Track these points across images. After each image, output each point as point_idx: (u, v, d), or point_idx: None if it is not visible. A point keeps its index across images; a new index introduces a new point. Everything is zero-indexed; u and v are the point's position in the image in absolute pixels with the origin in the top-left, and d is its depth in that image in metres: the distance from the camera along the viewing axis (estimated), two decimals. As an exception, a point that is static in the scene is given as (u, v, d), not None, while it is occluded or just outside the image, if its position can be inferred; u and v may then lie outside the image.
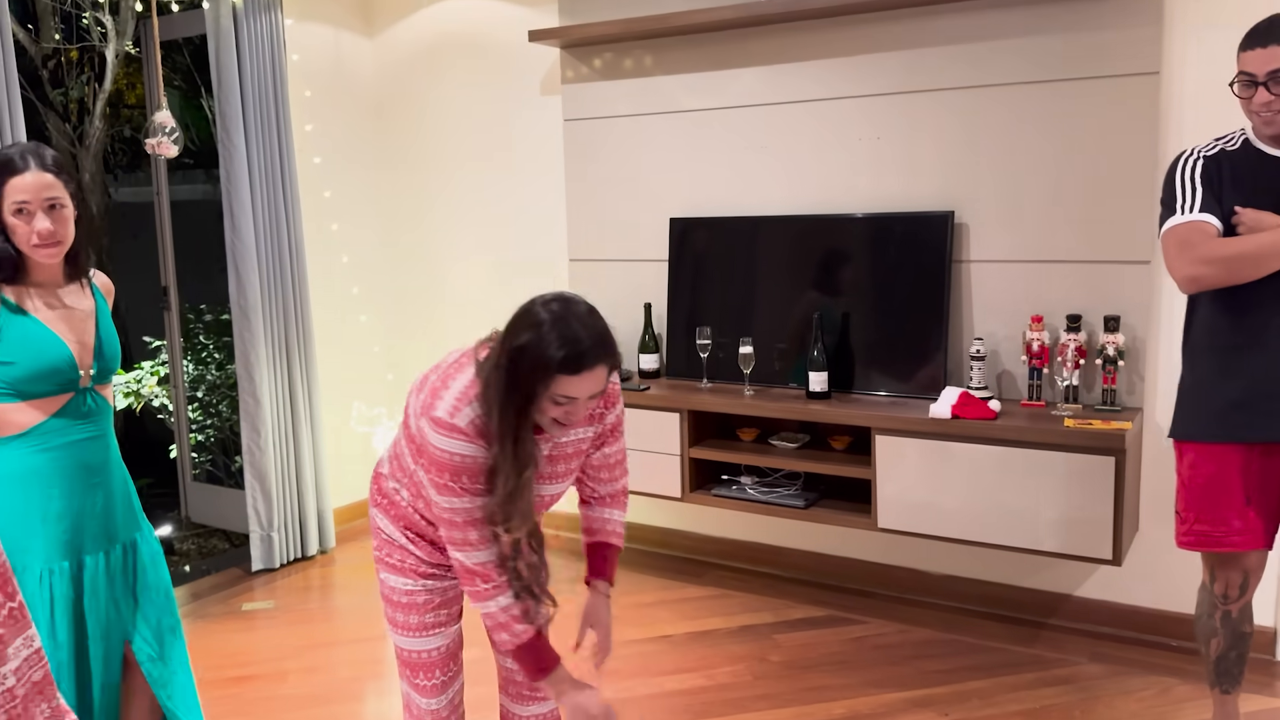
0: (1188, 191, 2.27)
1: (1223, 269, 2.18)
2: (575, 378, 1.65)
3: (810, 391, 3.42)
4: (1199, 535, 2.35)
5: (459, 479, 1.73)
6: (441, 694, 2.01)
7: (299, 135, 4.22)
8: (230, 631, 3.54)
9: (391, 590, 1.97)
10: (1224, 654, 2.44)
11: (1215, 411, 2.29)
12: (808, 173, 3.60)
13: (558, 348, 1.62)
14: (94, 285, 2.23)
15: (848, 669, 3.09)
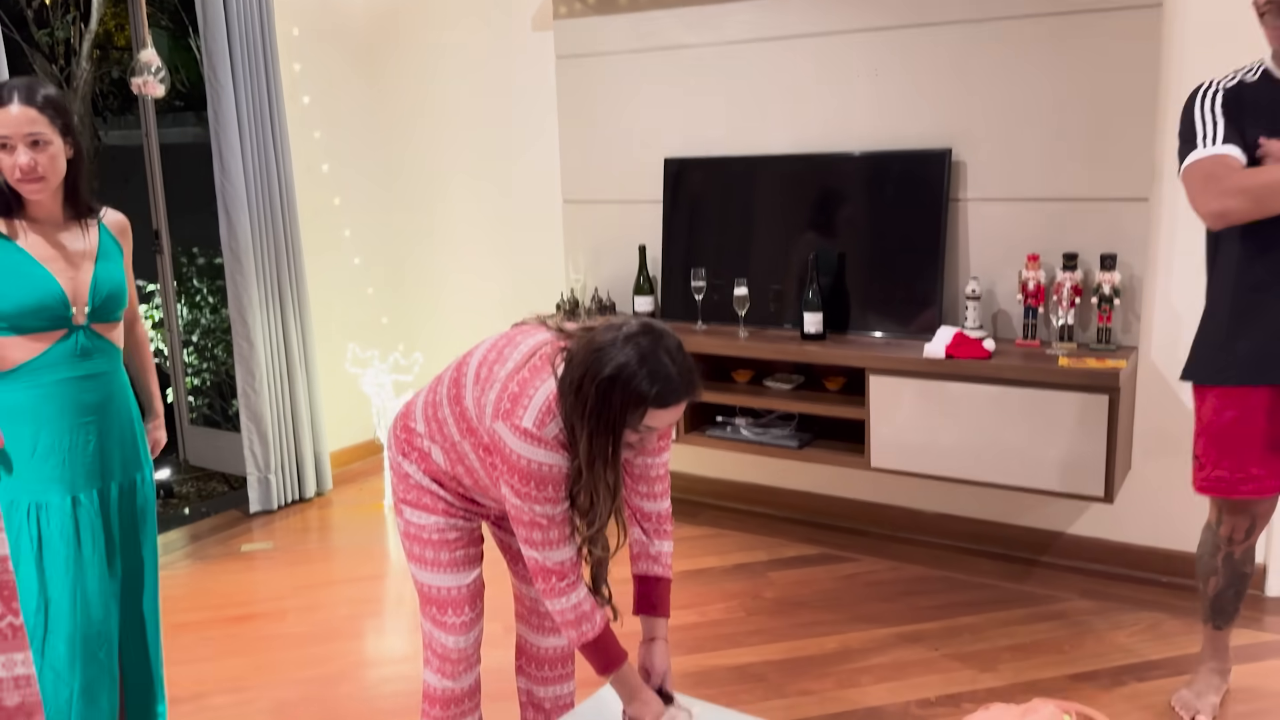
0: (1208, 123, 2.19)
1: (1251, 201, 2.09)
2: (663, 411, 1.66)
3: (805, 333, 3.41)
4: (1217, 481, 2.31)
5: (545, 488, 1.73)
6: (468, 631, 2.03)
7: (287, 75, 4.16)
8: (230, 572, 3.58)
9: (420, 528, 1.97)
10: (1221, 592, 2.44)
11: (1243, 354, 2.23)
12: (805, 111, 3.55)
13: (650, 384, 1.63)
14: (103, 226, 2.22)
15: (840, 605, 3.13)
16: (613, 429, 1.66)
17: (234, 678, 2.86)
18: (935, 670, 2.73)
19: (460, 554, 1.99)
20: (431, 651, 2.06)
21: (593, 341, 1.67)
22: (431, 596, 2.01)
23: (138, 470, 2.28)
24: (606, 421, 1.65)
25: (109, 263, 2.19)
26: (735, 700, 2.61)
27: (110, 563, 2.23)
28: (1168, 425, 3.13)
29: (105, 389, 2.19)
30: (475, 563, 2.03)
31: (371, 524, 3.98)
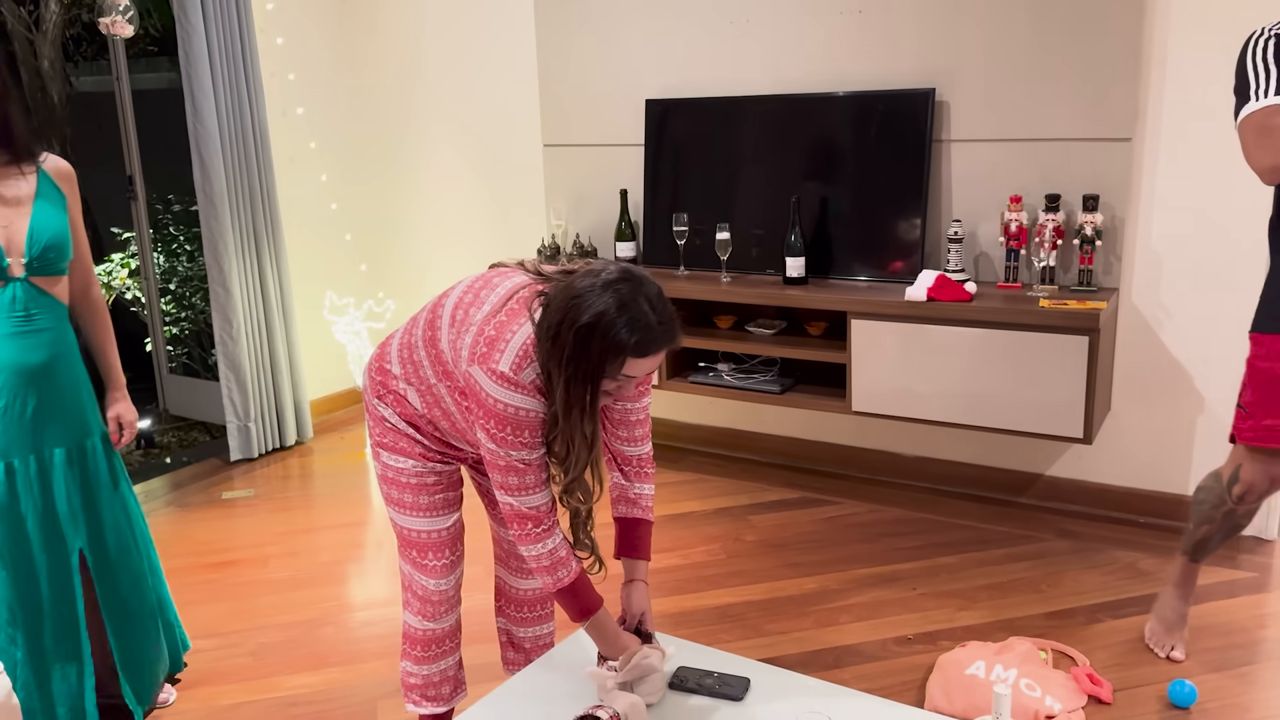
0: (1261, 73, 2.09)
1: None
2: (642, 360, 1.64)
3: (787, 277, 3.39)
4: (1266, 430, 2.21)
5: (520, 433, 1.71)
6: (449, 574, 2.03)
7: (260, 14, 4.06)
8: (211, 519, 3.57)
9: (398, 472, 1.95)
10: (1209, 537, 2.44)
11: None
12: (788, 50, 3.50)
13: (629, 333, 1.60)
14: (43, 172, 2.08)
15: (819, 547, 3.15)
16: (590, 377, 1.63)
17: (216, 622, 2.86)
18: (913, 609, 2.76)
19: (439, 497, 1.98)
20: (411, 594, 2.06)
21: (571, 287, 1.64)
22: (411, 540, 2.01)
23: (86, 436, 2.17)
24: (584, 369, 1.62)
25: (49, 210, 2.05)
26: (715, 639, 2.63)
27: (59, 534, 2.14)
28: (1147, 367, 3.14)
29: (48, 349, 2.06)
30: (454, 506, 2.02)
31: (352, 471, 3.97)
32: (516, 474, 1.73)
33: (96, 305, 2.28)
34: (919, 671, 2.47)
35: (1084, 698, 2.30)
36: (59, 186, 2.11)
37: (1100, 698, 2.32)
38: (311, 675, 2.60)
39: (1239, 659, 2.47)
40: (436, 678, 2.11)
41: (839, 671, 2.48)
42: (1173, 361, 3.09)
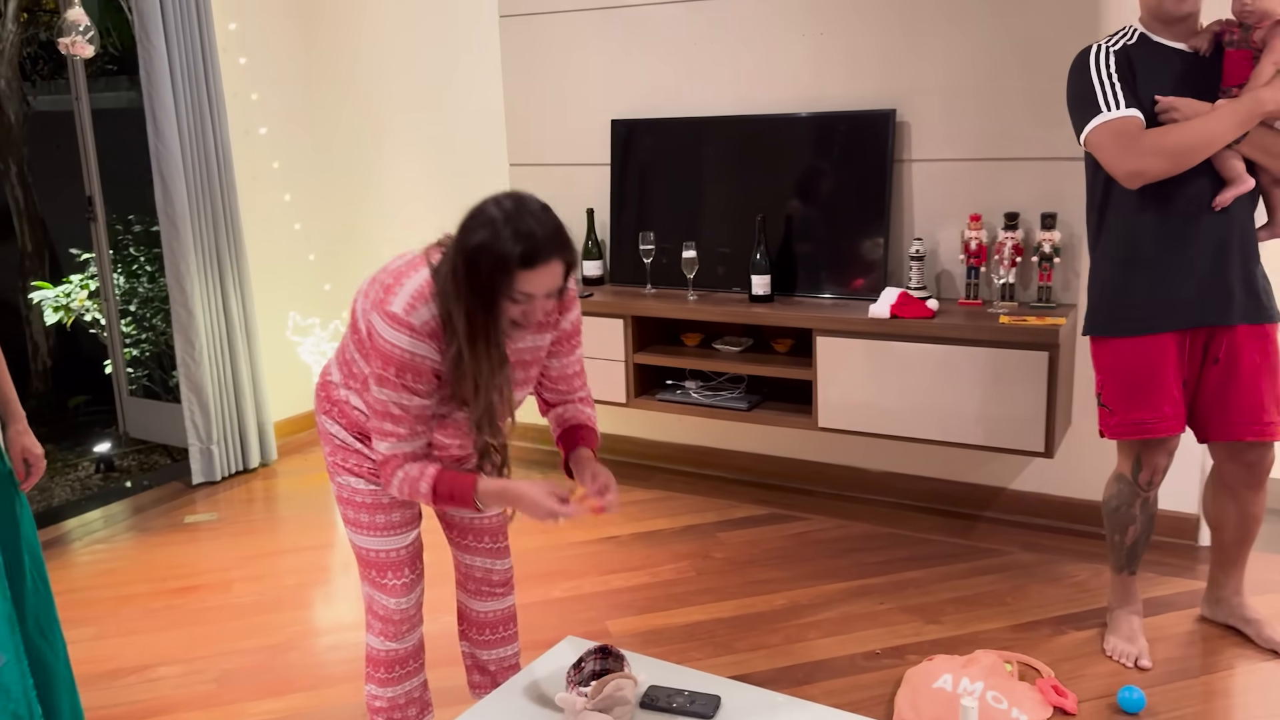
0: (1106, 86, 2.26)
1: (1169, 160, 2.19)
2: (533, 272, 1.64)
3: (753, 295, 3.42)
4: (1136, 425, 2.38)
5: (404, 375, 1.73)
6: (409, 593, 2.03)
7: (222, 34, 4.04)
8: (173, 544, 3.52)
9: (353, 492, 1.95)
10: (1138, 539, 2.54)
11: (1149, 304, 2.32)
12: (752, 72, 3.54)
13: (514, 243, 1.61)
14: None
15: (788, 563, 3.16)
16: (486, 299, 1.65)
17: (179, 648, 2.82)
18: (881, 623, 2.78)
19: (395, 516, 1.98)
20: (374, 615, 2.05)
21: (461, 223, 1.69)
22: (370, 560, 2.00)
23: (7, 485, 2.00)
24: (479, 292, 1.64)
25: None
26: (686, 657, 2.63)
27: None
28: (1106, 381, 3.19)
29: None
30: (411, 524, 2.02)
31: (317, 493, 3.93)
32: (392, 420, 1.75)
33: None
34: (887, 686, 2.49)
35: (1049, 709, 2.33)
36: None
37: (1065, 708, 2.35)
38: (277, 701, 2.56)
39: (1197, 669, 2.51)
40: (402, 699, 2.10)
41: (809, 687, 2.49)
42: (1130, 376, 3.15)
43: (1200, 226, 2.28)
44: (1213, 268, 2.30)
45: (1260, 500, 2.49)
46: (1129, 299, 2.36)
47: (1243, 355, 2.34)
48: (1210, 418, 2.41)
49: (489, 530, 2.17)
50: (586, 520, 3.53)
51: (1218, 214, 2.27)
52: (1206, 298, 2.31)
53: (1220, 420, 2.39)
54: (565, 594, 3.01)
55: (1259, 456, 2.43)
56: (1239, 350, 2.34)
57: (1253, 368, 2.34)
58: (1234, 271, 2.30)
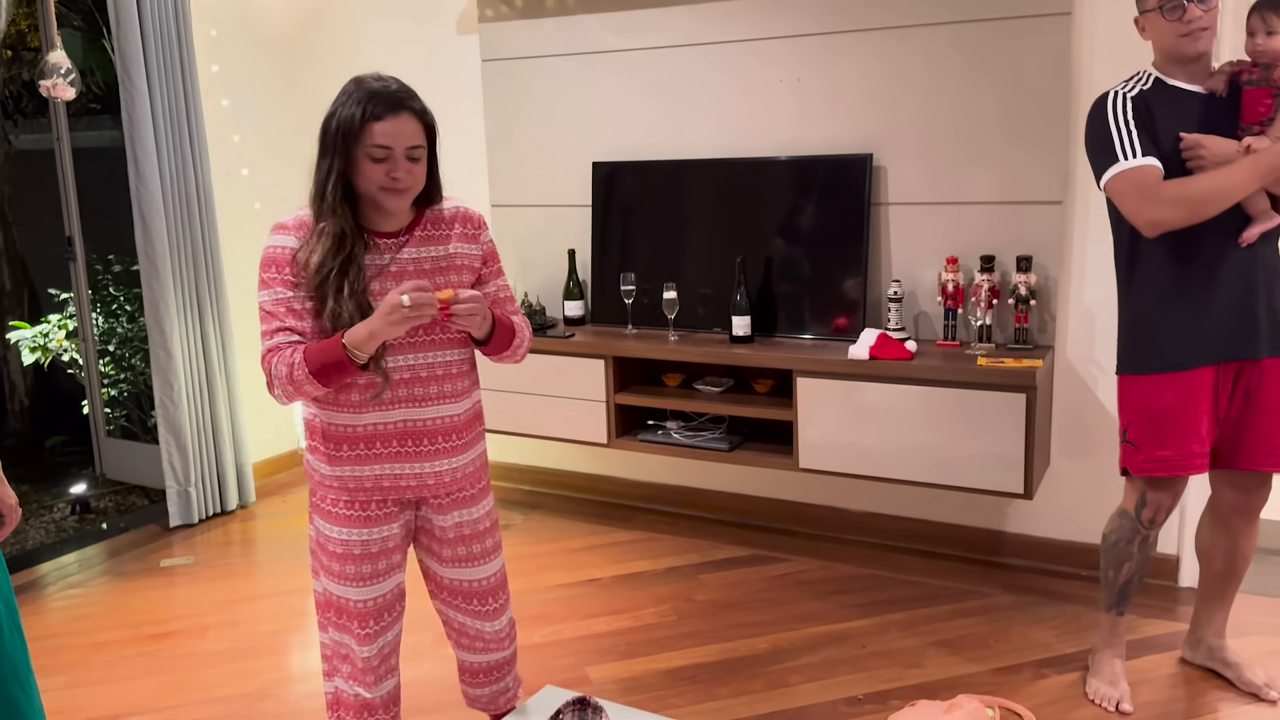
0: (1124, 134, 2.28)
1: (1187, 209, 2.21)
2: (384, 123, 1.78)
3: (734, 336, 3.43)
4: (1162, 462, 2.37)
5: (269, 269, 1.87)
6: (375, 641, 2.01)
7: (205, 77, 4.06)
8: (148, 588, 3.47)
9: (326, 539, 1.97)
10: (1131, 578, 2.54)
11: (1179, 341, 2.33)
12: (731, 116, 3.57)
13: (359, 102, 1.79)
14: None
15: (770, 605, 3.15)
16: (342, 164, 1.81)
17: (152, 697, 2.77)
18: (863, 668, 2.76)
19: (367, 568, 1.98)
20: (339, 659, 2.04)
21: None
22: (338, 605, 1.99)
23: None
24: (333, 159, 1.81)
25: None
26: (666, 705, 2.61)
27: None
28: (1084, 423, 3.21)
29: None
30: (386, 574, 2.01)
31: (295, 536, 3.90)
32: (266, 319, 1.87)
33: None
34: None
35: (1031, 755, 2.32)
36: None
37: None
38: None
39: (1179, 712, 2.50)
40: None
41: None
42: (1109, 417, 3.17)
43: (1226, 262, 2.29)
44: (1239, 302, 2.31)
45: (1251, 535, 2.51)
46: (1158, 336, 2.36)
47: (1266, 387, 2.36)
48: (1223, 447, 2.42)
49: (478, 593, 2.12)
50: (568, 563, 3.51)
51: (1243, 249, 2.29)
52: (1234, 332, 2.32)
53: (1231, 450, 2.41)
54: (545, 639, 2.99)
55: (1258, 484, 2.46)
56: (1264, 382, 2.36)
57: (1274, 400, 2.36)
58: (1260, 305, 2.32)
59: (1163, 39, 2.30)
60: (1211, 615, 2.63)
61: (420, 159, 1.86)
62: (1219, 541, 2.54)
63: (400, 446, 1.93)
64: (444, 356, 1.94)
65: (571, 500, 4.09)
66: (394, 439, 1.92)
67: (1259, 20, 2.27)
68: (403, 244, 1.92)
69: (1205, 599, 2.63)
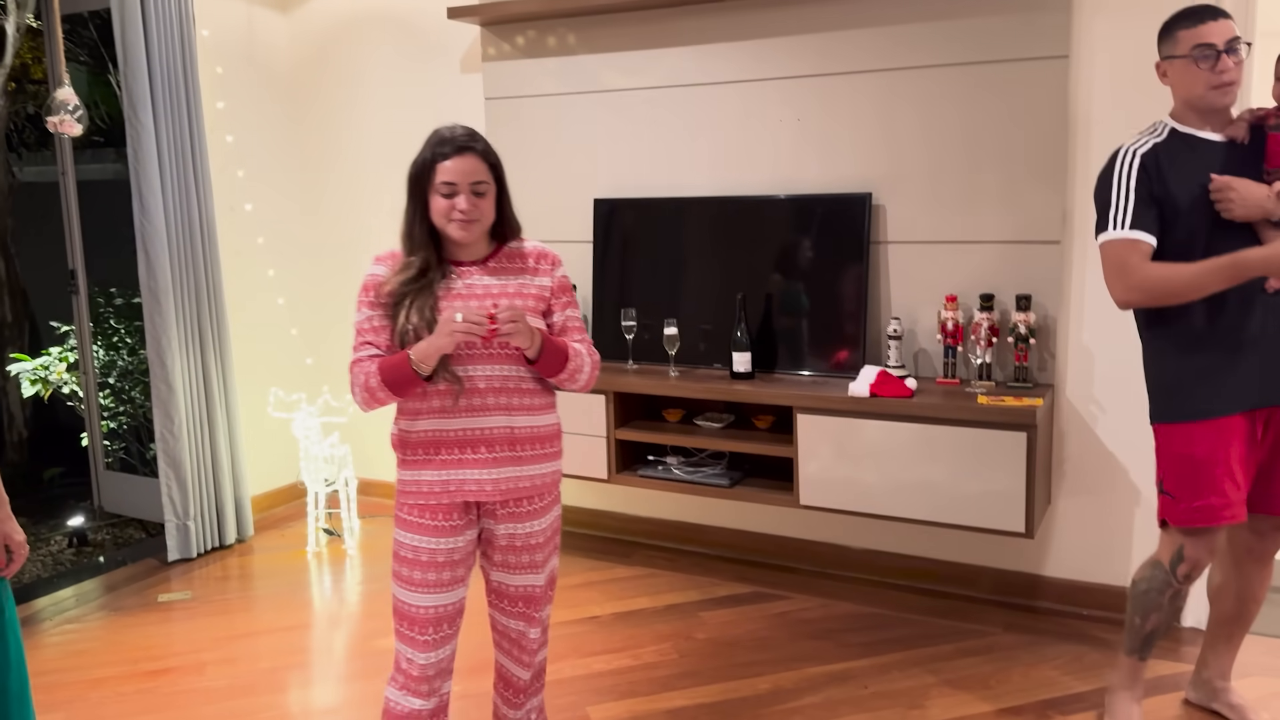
0: (1121, 199, 2.28)
1: (1147, 297, 2.26)
2: (449, 162, 2.04)
3: (734, 372, 3.44)
4: (1202, 511, 2.32)
5: (361, 294, 2.13)
6: (432, 650, 2.11)
7: (210, 113, 4.10)
8: (146, 624, 3.45)
9: (400, 545, 2.13)
10: (1158, 628, 2.49)
11: (1209, 388, 2.30)
12: (732, 154, 3.61)
13: (430, 146, 2.07)
14: None
15: (771, 645, 3.13)
16: (419, 198, 2.08)
17: (148, 736, 2.75)
18: (865, 709, 2.74)
19: (432, 576, 2.10)
20: (397, 668, 2.14)
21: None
22: (400, 610, 2.12)
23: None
24: (413, 195, 2.10)
25: None
26: (666, 745, 2.59)
27: None
28: (1085, 462, 3.22)
29: None
30: (450, 586, 2.12)
31: (294, 571, 3.88)
32: (357, 335, 2.12)
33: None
34: (872, 775, 2.45)
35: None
36: None
37: (1051, 799, 2.32)
38: (249, 793, 2.50)
39: (1184, 754, 2.49)
40: None
41: (792, 776, 2.45)
42: (1109, 455, 3.18)
43: (1255, 308, 2.27)
44: (1270, 349, 2.29)
45: (1264, 578, 2.48)
46: (1190, 384, 2.33)
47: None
48: (1254, 491, 2.38)
49: (523, 597, 2.21)
50: (567, 600, 3.49)
51: (1272, 296, 2.27)
52: (1266, 379, 2.30)
53: (1261, 493, 2.38)
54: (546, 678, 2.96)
55: (1274, 529, 2.43)
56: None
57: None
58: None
59: (1190, 88, 2.27)
60: (1218, 657, 2.61)
61: (485, 194, 2.08)
62: (1230, 583, 2.52)
63: (461, 454, 2.08)
64: (502, 370, 2.09)
65: (571, 535, 4.08)
66: (455, 446, 2.08)
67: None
68: (477, 270, 2.14)
69: (1212, 641, 2.61)
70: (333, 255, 4.56)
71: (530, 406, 2.12)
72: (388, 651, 3.18)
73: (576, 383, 2.17)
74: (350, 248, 4.51)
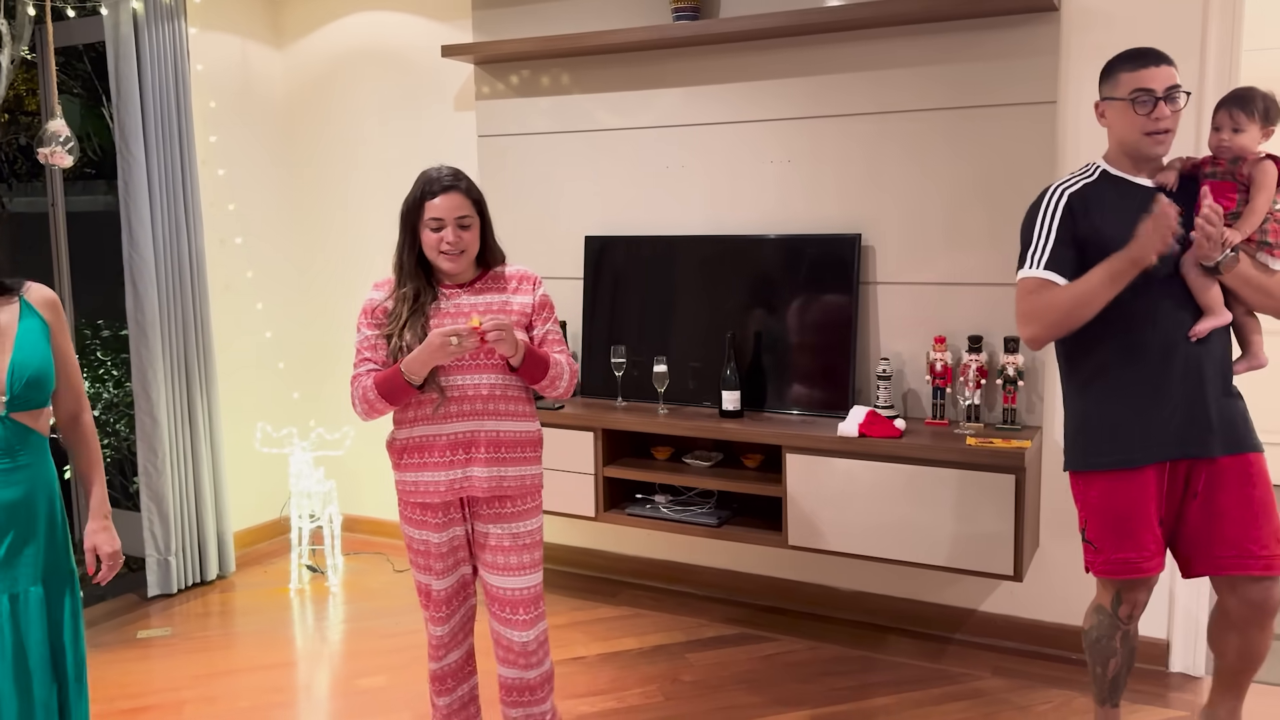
0: (1041, 238, 2.31)
1: (1047, 327, 2.28)
2: (436, 200, 2.30)
3: (723, 410, 3.44)
4: (1123, 564, 2.32)
5: (363, 316, 2.38)
6: (444, 624, 2.46)
7: (203, 147, 4.11)
8: (125, 660, 3.40)
9: (410, 540, 2.44)
10: (1119, 671, 2.49)
11: (1122, 438, 2.30)
12: (722, 194, 3.63)
13: (420, 185, 2.34)
14: (24, 301, 2.06)
15: (758, 687, 3.10)
16: (410, 234, 2.34)
17: (123, 777, 2.70)
18: (852, 753, 2.71)
19: (436, 564, 2.40)
20: (428, 636, 2.50)
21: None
22: (419, 589, 2.47)
23: (65, 583, 2.07)
24: (404, 230, 2.36)
25: (31, 342, 2.02)
26: (651, 790, 2.55)
27: (24, 679, 2.01)
28: (1072, 505, 3.21)
29: (26, 484, 2.00)
30: (448, 572, 2.43)
31: (275, 608, 3.83)
32: (357, 353, 2.37)
33: (87, 432, 2.22)
34: (859, 822, 2.42)
35: None
36: (42, 315, 2.09)
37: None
38: (224, 837, 2.45)
39: (1174, 803, 2.46)
40: (456, 705, 2.55)
41: (778, 823, 2.41)
42: (1096, 498, 3.17)
43: (1176, 358, 2.26)
44: (1190, 399, 2.27)
45: (1265, 638, 2.39)
46: (1106, 432, 2.33)
47: (1225, 488, 2.29)
48: (1194, 552, 2.35)
49: (509, 602, 2.41)
50: (552, 640, 3.45)
51: (1194, 345, 2.26)
52: (1185, 429, 2.27)
53: (1205, 555, 2.33)
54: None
55: (1263, 593, 2.31)
56: (1221, 483, 2.29)
57: (1239, 500, 2.29)
58: (1212, 403, 2.27)
59: (1126, 132, 2.29)
60: (1223, 699, 2.52)
61: (470, 226, 2.34)
62: (1230, 641, 2.43)
63: (451, 455, 2.33)
64: (489, 379, 2.33)
65: (557, 574, 4.04)
66: (445, 449, 2.33)
67: (1226, 116, 2.30)
68: (462, 292, 2.38)
69: (1218, 687, 2.53)
70: (322, 290, 4.56)
71: (514, 413, 2.37)
72: (372, 691, 3.14)
73: (556, 389, 2.39)
74: (340, 283, 4.51)
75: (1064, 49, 3.09)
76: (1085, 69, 3.06)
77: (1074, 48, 3.07)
